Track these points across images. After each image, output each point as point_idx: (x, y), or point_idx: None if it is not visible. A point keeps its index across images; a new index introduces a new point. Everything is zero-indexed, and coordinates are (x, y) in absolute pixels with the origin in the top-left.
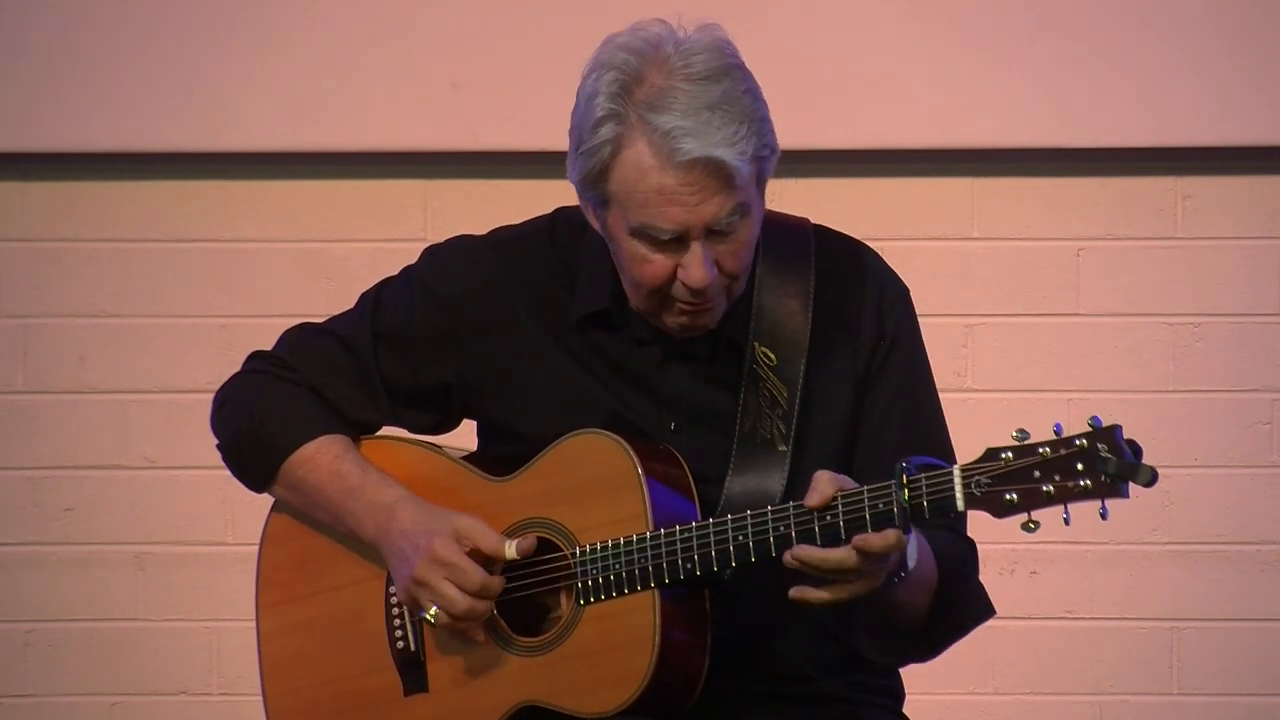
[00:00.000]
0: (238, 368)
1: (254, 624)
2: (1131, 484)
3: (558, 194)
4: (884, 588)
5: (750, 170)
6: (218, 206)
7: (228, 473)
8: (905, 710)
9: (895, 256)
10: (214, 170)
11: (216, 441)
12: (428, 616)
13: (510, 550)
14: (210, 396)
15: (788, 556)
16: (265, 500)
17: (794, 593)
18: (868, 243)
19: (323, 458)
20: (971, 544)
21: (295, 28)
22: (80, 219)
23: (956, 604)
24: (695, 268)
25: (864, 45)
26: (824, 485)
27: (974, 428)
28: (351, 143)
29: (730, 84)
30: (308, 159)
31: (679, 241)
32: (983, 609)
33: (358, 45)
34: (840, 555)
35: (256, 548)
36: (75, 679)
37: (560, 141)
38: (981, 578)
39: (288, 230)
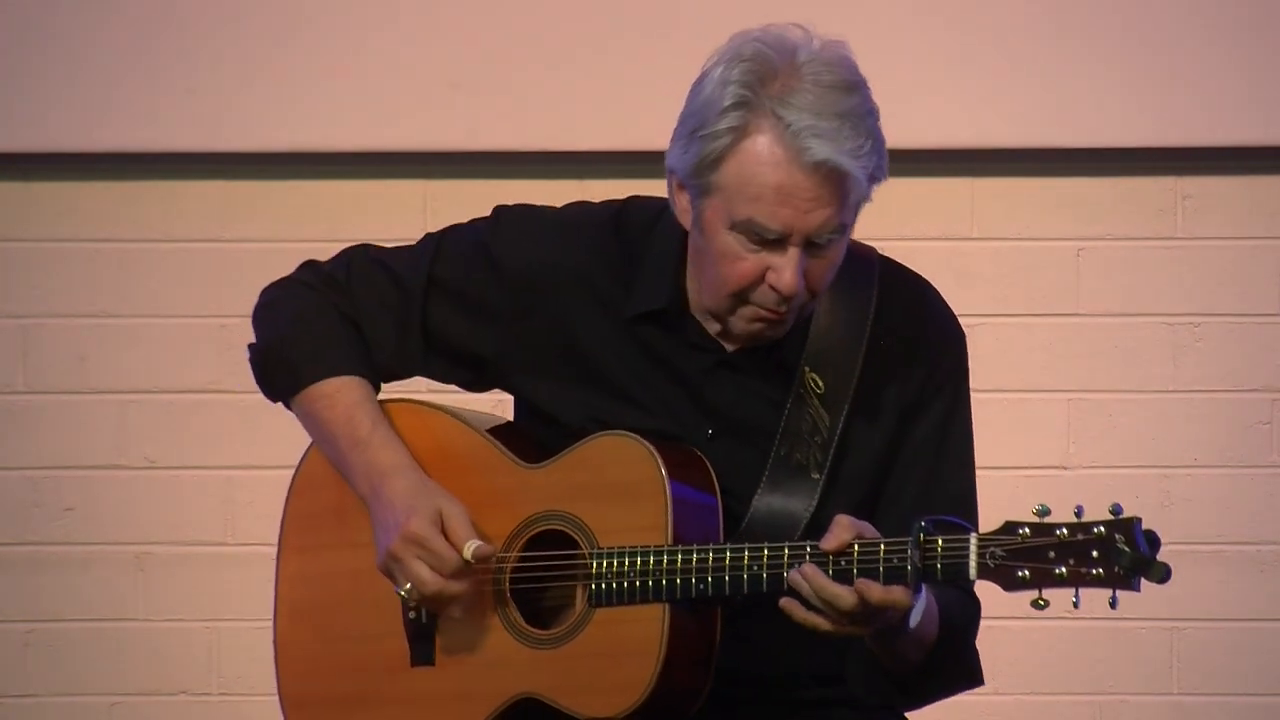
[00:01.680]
0: (238, 367)
1: (267, 605)
2: (1144, 579)
3: (557, 194)
4: (877, 638)
5: (863, 188)
6: (218, 206)
7: (228, 473)
8: (905, 710)
9: (895, 256)
10: (214, 170)
11: (251, 341)
12: (401, 592)
13: (468, 550)
14: (210, 397)
15: (794, 573)
16: (265, 500)
17: (784, 602)
18: (868, 243)
19: (341, 398)
20: (977, 606)
21: (295, 28)
22: (80, 219)
23: (948, 666)
24: (789, 273)
25: (863, 45)
26: (842, 531)
27: (974, 428)
28: (351, 143)
29: (860, 99)
30: (308, 159)
31: (778, 243)
32: (972, 676)
33: (358, 45)
34: (839, 591)
35: (256, 547)
36: (75, 679)
37: (560, 142)
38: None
39: (288, 230)
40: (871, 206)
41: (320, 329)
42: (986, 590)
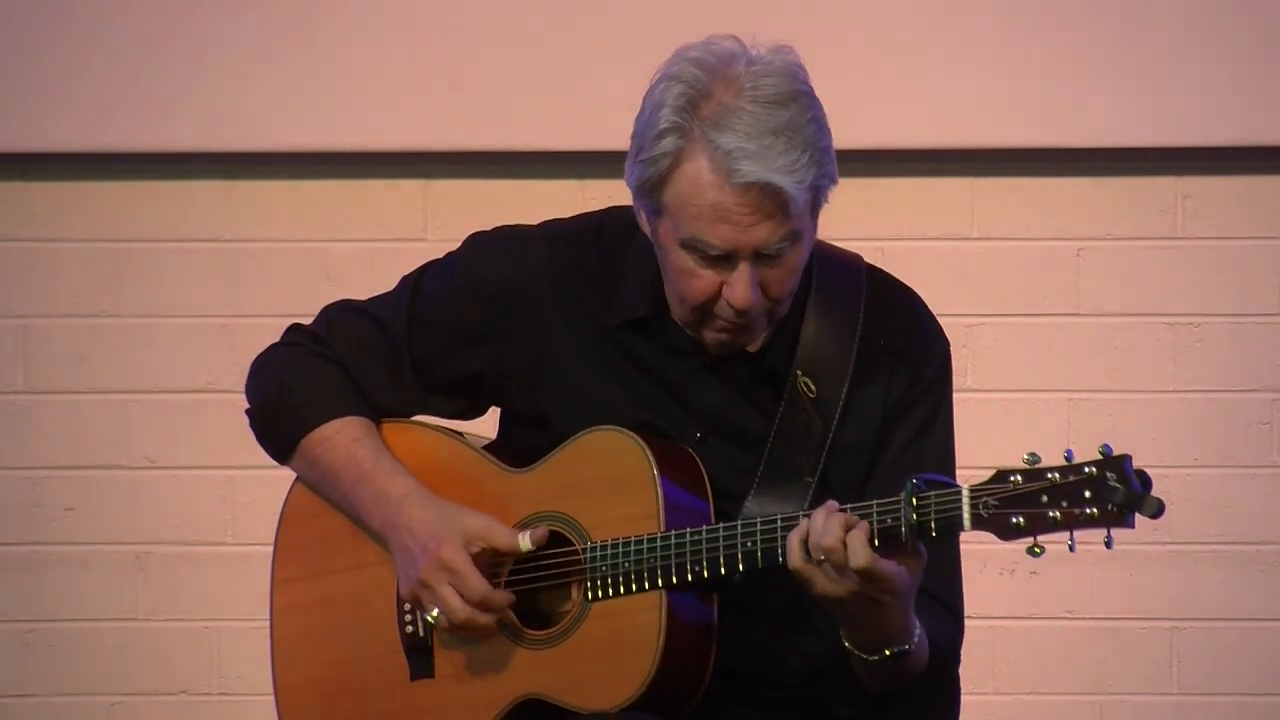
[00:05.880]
0: (238, 367)
1: (267, 605)
2: (1138, 514)
3: (558, 194)
4: (876, 658)
5: (806, 199)
6: (218, 206)
7: (228, 473)
8: None
9: (895, 256)
10: (214, 170)
11: (247, 406)
12: (429, 618)
13: (525, 543)
14: (210, 397)
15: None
16: (266, 500)
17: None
18: (868, 243)
19: (341, 439)
20: (960, 629)
21: (295, 27)
22: (80, 219)
23: (923, 698)
24: (740, 288)
25: (863, 45)
26: (831, 502)
27: (974, 428)
28: (351, 143)
29: (797, 110)
30: (308, 159)
31: (727, 259)
32: (947, 709)
33: (358, 45)
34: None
35: (257, 547)
36: (75, 679)
37: (560, 142)
38: (982, 576)
39: (288, 230)
40: (872, 206)
41: (313, 379)
42: (982, 581)
